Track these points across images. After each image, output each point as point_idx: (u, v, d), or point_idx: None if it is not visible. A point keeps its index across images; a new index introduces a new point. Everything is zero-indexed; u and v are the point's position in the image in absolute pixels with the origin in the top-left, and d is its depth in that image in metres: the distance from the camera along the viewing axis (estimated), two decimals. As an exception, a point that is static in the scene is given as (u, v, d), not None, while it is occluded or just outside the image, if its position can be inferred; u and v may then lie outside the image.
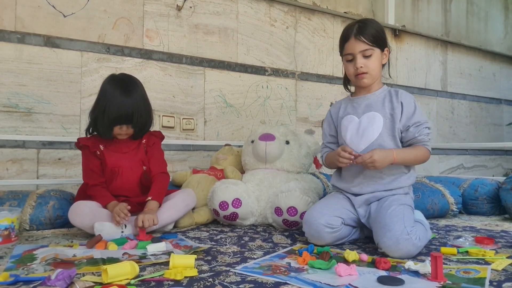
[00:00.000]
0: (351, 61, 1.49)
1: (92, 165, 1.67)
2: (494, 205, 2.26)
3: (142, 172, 1.74)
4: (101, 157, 1.69)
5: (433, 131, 3.82)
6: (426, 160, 1.49)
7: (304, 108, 3.09)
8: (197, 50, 2.65)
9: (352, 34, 1.46)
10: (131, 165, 1.72)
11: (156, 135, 1.82)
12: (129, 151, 1.73)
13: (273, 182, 1.94)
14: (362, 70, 1.46)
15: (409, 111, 1.47)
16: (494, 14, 4.49)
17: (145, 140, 1.77)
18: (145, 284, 0.99)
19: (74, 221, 1.57)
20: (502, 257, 1.26)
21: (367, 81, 1.50)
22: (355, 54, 1.46)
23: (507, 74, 4.54)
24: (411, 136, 1.47)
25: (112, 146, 1.71)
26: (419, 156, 1.46)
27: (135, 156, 1.74)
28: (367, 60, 1.46)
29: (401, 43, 3.67)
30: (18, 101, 2.12)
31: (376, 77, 1.51)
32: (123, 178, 1.70)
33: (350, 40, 1.47)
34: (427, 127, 1.47)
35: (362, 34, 1.45)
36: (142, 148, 1.76)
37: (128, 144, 1.74)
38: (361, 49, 1.45)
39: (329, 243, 1.43)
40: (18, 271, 1.09)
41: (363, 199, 1.49)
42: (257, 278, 1.03)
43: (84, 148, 1.70)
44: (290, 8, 3.05)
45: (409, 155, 1.45)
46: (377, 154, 1.37)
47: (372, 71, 1.47)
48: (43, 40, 2.19)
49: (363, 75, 1.48)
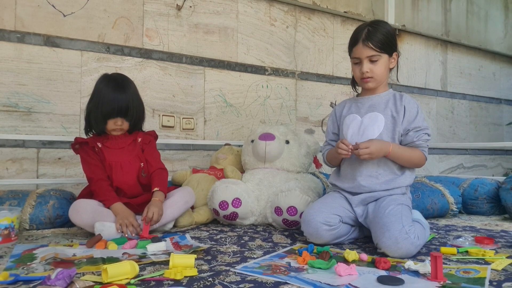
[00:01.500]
0: (358, 64, 1.51)
1: (93, 160, 1.68)
2: (494, 205, 2.27)
3: (140, 167, 1.75)
4: (100, 153, 1.71)
5: (433, 131, 3.86)
6: (420, 164, 1.50)
7: (304, 108, 3.09)
8: (197, 50, 2.65)
9: (361, 40, 1.47)
10: (129, 159, 1.73)
11: (151, 134, 1.85)
12: (126, 146, 1.75)
13: (273, 181, 1.94)
14: (368, 75, 1.49)
15: (411, 116, 1.49)
16: (494, 13, 4.49)
17: (140, 138, 1.79)
18: (145, 283, 0.99)
19: (75, 219, 1.57)
20: (502, 257, 1.26)
21: (371, 85, 1.52)
22: (362, 58, 1.48)
23: (507, 73, 4.54)
24: (409, 140, 1.49)
25: (109, 143, 1.73)
26: (413, 157, 1.47)
27: (132, 151, 1.75)
28: (373, 65, 1.48)
29: (401, 43, 3.67)
30: (18, 101, 2.12)
31: (381, 81, 1.53)
32: (122, 172, 1.70)
33: (358, 45, 1.48)
34: (427, 133, 1.49)
35: (370, 40, 1.45)
36: (138, 146, 1.78)
37: (124, 139, 1.75)
38: (368, 55, 1.47)
39: (328, 241, 1.44)
40: (18, 270, 1.09)
41: (360, 198, 1.50)
42: (257, 278, 1.03)
43: (82, 146, 1.71)
44: (290, 7, 3.05)
45: (404, 152, 1.46)
46: (374, 145, 1.39)
47: (377, 76, 1.49)
48: (43, 40, 2.18)
49: (368, 79, 1.50)
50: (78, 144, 1.72)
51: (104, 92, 1.66)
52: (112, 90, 1.66)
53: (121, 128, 1.71)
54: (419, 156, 1.48)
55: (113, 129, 1.70)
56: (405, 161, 1.48)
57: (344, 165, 1.58)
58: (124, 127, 1.72)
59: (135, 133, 1.80)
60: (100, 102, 1.66)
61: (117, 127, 1.69)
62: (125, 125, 1.72)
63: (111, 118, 1.67)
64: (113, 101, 1.65)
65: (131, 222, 1.55)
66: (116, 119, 1.68)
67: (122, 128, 1.72)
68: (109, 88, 1.67)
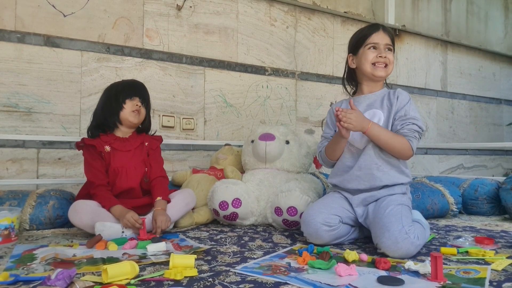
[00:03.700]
0: (374, 48, 1.53)
1: (97, 164, 1.68)
2: (494, 205, 2.27)
3: (144, 172, 1.75)
4: (106, 157, 1.70)
5: (433, 131, 3.86)
6: (404, 153, 1.44)
7: (304, 108, 3.09)
8: (197, 50, 2.65)
9: (381, 28, 1.55)
10: (134, 165, 1.73)
11: (158, 139, 1.87)
12: (133, 149, 1.75)
13: (273, 182, 1.94)
14: (386, 60, 1.52)
15: (401, 104, 1.50)
16: (494, 14, 4.49)
17: (147, 142, 1.81)
18: (145, 284, 0.99)
19: (74, 220, 1.57)
20: (502, 257, 1.26)
21: (382, 73, 1.54)
22: (380, 44, 1.52)
23: (507, 74, 4.54)
24: (395, 128, 1.48)
25: (117, 144, 1.73)
26: (396, 143, 1.42)
27: (139, 155, 1.76)
28: (389, 54, 1.54)
29: (401, 43, 3.67)
30: (18, 101, 2.12)
31: (388, 74, 1.56)
32: (127, 177, 1.71)
33: (379, 32, 1.54)
34: (416, 124, 1.46)
35: (388, 32, 1.55)
36: (145, 150, 1.79)
37: (132, 142, 1.76)
38: (387, 42, 1.54)
39: (328, 241, 1.44)
40: (18, 270, 1.09)
41: (360, 198, 1.50)
42: (257, 278, 1.03)
43: (88, 148, 1.70)
44: (290, 7, 3.05)
45: (385, 135, 1.42)
46: (357, 115, 1.39)
47: (390, 65, 1.54)
48: (43, 40, 2.19)
49: (382, 65, 1.52)
50: (82, 144, 1.72)
51: (119, 83, 1.79)
52: (127, 80, 1.84)
53: (139, 110, 1.74)
54: (402, 142, 1.42)
55: (132, 110, 1.72)
56: (385, 144, 1.43)
57: (341, 161, 1.58)
58: (141, 112, 1.76)
59: (142, 135, 1.81)
60: (117, 89, 1.75)
61: (136, 108, 1.73)
62: (143, 111, 1.77)
63: (130, 98, 1.73)
64: (132, 83, 1.79)
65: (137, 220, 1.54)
66: (135, 99, 1.73)
67: (140, 111, 1.75)
68: (124, 80, 1.83)
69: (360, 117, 1.40)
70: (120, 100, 1.71)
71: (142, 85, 1.81)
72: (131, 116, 1.72)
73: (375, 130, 1.41)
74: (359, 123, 1.39)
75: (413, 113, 1.48)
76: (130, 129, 1.79)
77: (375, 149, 1.48)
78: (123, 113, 1.72)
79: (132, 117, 1.72)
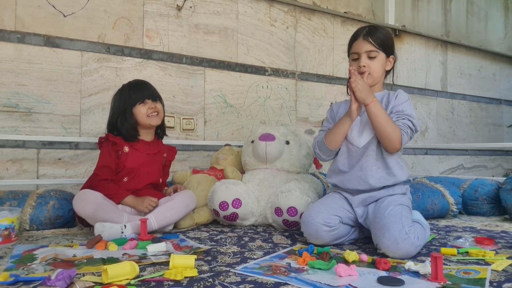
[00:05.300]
0: (356, 60, 1.52)
1: (111, 162, 1.71)
2: (494, 205, 2.26)
3: (154, 181, 1.83)
4: (122, 157, 1.73)
5: (433, 131, 3.86)
6: (393, 142, 1.41)
7: (304, 108, 3.09)
8: (197, 50, 2.65)
9: (361, 35, 1.51)
10: (148, 170, 1.79)
11: (174, 151, 1.95)
12: (152, 154, 1.81)
13: (273, 182, 1.94)
14: (364, 69, 1.49)
15: (398, 101, 1.50)
16: (494, 14, 4.49)
17: (166, 154, 1.90)
18: (145, 284, 0.99)
19: (77, 208, 1.58)
20: (502, 257, 1.26)
21: (367, 81, 1.50)
22: (360, 53, 1.50)
23: (507, 74, 4.54)
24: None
25: (139, 145, 1.78)
26: (390, 129, 1.40)
27: (155, 163, 1.83)
28: (370, 61, 1.50)
29: (401, 43, 3.67)
30: (18, 101, 2.12)
31: (377, 79, 1.53)
32: (138, 180, 1.75)
33: (358, 40, 1.52)
34: (411, 121, 1.46)
35: (370, 35, 1.50)
36: (162, 160, 1.87)
37: (153, 147, 1.82)
38: (366, 49, 1.49)
39: (328, 242, 1.44)
40: (18, 271, 1.09)
41: (360, 199, 1.50)
42: (257, 279, 1.03)
43: (109, 143, 1.72)
44: (290, 8, 3.05)
45: (383, 117, 1.41)
46: (365, 85, 1.42)
47: (373, 72, 1.50)
48: (43, 40, 2.19)
49: (364, 75, 1.50)
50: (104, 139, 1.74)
51: (126, 86, 1.78)
52: (135, 81, 1.83)
53: (156, 110, 1.77)
54: (395, 131, 1.41)
55: (148, 115, 1.74)
56: (380, 126, 1.41)
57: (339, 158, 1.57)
58: (159, 109, 1.78)
59: (161, 143, 1.88)
60: (126, 94, 1.75)
61: (151, 110, 1.75)
62: (159, 107, 1.79)
63: (141, 102, 1.74)
64: (141, 84, 1.79)
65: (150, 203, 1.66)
66: (146, 102, 1.75)
67: (157, 110, 1.77)
68: (131, 82, 1.81)
69: (368, 89, 1.42)
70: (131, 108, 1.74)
71: (146, 84, 1.82)
72: (149, 120, 1.76)
73: (377, 108, 1.41)
74: (365, 93, 1.40)
75: (410, 111, 1.48)
76: (151, 130, 1.84)
77: (375, 150, 1.48)
78: (140, 120, 1.75)
79: (150, 121, 1.77)
